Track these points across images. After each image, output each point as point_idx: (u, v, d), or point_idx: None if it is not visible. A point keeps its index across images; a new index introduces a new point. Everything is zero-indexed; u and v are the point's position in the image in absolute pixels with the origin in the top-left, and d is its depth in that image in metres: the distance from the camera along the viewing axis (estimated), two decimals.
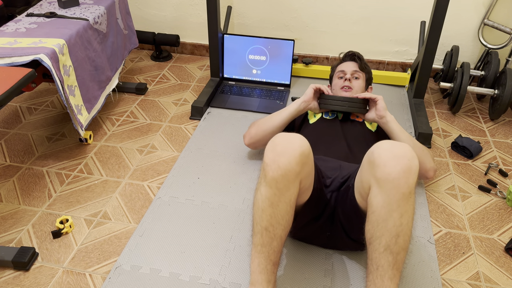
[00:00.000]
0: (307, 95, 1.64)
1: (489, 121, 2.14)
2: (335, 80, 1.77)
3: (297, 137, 1.11)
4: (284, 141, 1.10)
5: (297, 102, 1.65)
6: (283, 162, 1.07)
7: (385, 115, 1.56)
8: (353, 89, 1.69)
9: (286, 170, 1.07)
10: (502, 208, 1.63)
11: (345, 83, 1.70)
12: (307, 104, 1.64)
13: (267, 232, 1.11)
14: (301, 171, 1.10)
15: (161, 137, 1.98)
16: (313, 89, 1.63)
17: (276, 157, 1.08)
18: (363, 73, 1.75)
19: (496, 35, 2.31)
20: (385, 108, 1.57)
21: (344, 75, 1.73)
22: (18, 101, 2.23)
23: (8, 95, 1.33)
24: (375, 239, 1.06)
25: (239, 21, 2.56)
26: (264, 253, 1.12)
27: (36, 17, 1.84)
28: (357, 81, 1.72)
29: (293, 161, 1.07)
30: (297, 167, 1.08)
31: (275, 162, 1.08)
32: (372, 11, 2.37)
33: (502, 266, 1.40)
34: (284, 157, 1.07)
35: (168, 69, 2.57)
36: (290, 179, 1.08)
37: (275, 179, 1.08)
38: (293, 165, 1.07)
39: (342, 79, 1.73)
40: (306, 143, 1.11)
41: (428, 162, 1.54)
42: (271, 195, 1.09)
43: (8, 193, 1.67)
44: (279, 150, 1.08)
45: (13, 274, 1.35)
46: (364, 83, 1.74)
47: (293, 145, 1.09)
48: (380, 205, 1.04)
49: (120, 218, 1.55)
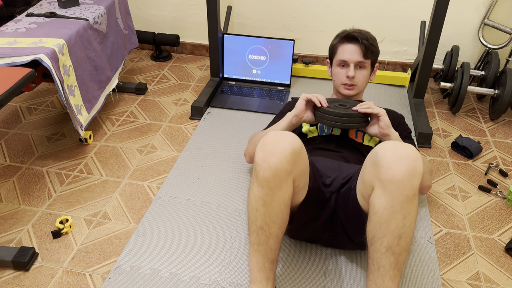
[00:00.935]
0: (298, 109, 1.44)
1: (489, 121, 2.14)
2: (336, 68, 1.56)
3: (288, 135, 1.10)
4: (274, 140, 1.09)
5: (288, 117, 1.47)
6: (273, 161, 1.06)
7: (389, 133, 1.38)
8: (357, 85, 1.53)
9: (277, 169, 1.06)
10: (502, 208, 1.63)
11: (347, 81, 1.53)
12: (299, 118, 1.45)
13: (262, 231, 1.11)
14: (293, 169, 1.09)
15: (161, 137, 1.98)
16: (304, 100, 1.43)
17: (266, 156, 1.07)
18: (369, 61, 1.52)
19: (496, 35, 2.31)
20: (389, 125, 1.38)
21: (346, 66, 1.53)
22: (18, 101, 2.23)
23: (8, 95, 1.33)
24: (377, 240, 1.06)
25: (239, 21, 2.56)
26: (261, 252, 1.12)
27: (36, 17, 1.84)
28: (361, 72, 1.52)
29: (283, 159, 1.06)
30: (288, 166, 1.07)
31: (265, 161, 1.07)
32: (372, 11, 2.37)
33: (502, 266, 1.40)
34: (274, 156, 1.06)
35: (168, 69, 2.57)
36: (281, 178, 1.08)
37: (266, 179, 1.07)
38: (284, 163, 1.06)
39: (343, 69, 1.54)
40: (297, 141, 1.10)
41: (426, 180, 1.47)
42: (263, 195, 1.09)
43: (8, 193, 1.66)
44: (269, 149, 1.07)
45: (13, 274, 1.35)
46: (369, 71, 1.55)
47: (283, 143, 1.08)
48: (383, 206, 1.04)
49: (120, 218, 1.55)
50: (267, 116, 2.12)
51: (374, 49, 1.53)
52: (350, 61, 1.51)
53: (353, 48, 1.50)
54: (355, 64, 1.51)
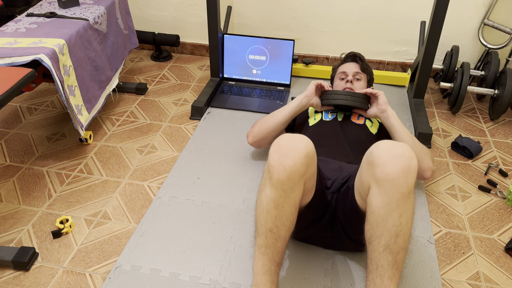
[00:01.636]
0: (309, 91, 1.64)
1: (489, 121, 2.14)
2: (337, 81, 1.77)
3: (302, 138, 1.11)
4: (289, 143, 1.10)
5: (299, 98, 1.66)
6: (288, 163, 1.07)
7: (386, 109, 1.57)
8: (355, 91, 1.69)
9: (291, 171, 1.07)
10: (502, 208, 1.63)
11: (346, 85, 1.70)
12: (309, 99, 1.65)
13: (271, 233, 1.10)
14: (306, 172, 1.10)
15: (161, 137, 1.98)
16: (314, 85, 1.64)
17: (282, 159, 1.08)
18: (364, 75, 1.75)
19: (496, 35, 2.31)
20: (386, 102, 1.59)
21: (345, 76, 1.73)
22: (18, 101, 2.23)
23: (8, 95, 1.33)
24: (375, 239, 1.06)
25: (239, 21, 2.56)
26: (268, 255, 1.11)
27: (36, 17, 1.84)
28: (359, 83, 1.72)
29: (298, 162, 1.07)
30: (303, 169, 1.08)
31: (280, 163, 1.08)
32: (372, 11, 2.37)
33: (502, 266, 1.40)
34: (290, 158, 1.07)
35: (168, 69, 2.57)
36: (295, 181, 1.08)
37: (281, 181, 1.08)
38: (299, 166, 1.07)
39: (343, 80, 1.73)
40: (310, 144, 1.12)
41: (426, 161, 1.53)
42: (276, 197, 1.09)
43: (8, 193, 1.67)
44: (285, 152, 1.08)
45: (13, 274, 1.35)
46: (365, 84, 1.75)
47: (298, 146, 1.09)
48: (380, 205, 1.05)
49: (120, 218, 1.55)
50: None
51: (369, 68, 1.79)
52: (349, 72, 1.73)
53: (352, 63, 1.77)
54: (353, 75, 1.73)
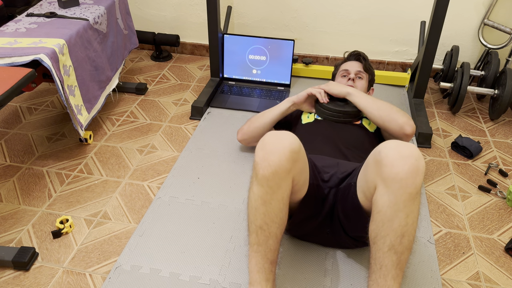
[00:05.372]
0: (299, 98, 1.66)
1: (489, 121, 2.14)
2: (338, 78, 1.77)
3: (287, 135, 1.12)
4: (274, 139, 1.11)
5: (288, 103, 1.67)
6: (273, 160, 1.08)
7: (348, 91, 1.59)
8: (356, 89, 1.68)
9: (276, 167, 1.08)
10: (502, 208, 1.63)
11: (348, 83, 1.70)
12: (296, 106, 1.68)
13: (262, 230, 1.11)
14: (292, 168, 1.11)
15: (161, 137, 1.98)
16: (307, 94, 1.65)
17: (266, 155, 1.09)
18: (366, 74, 1.75)
19: (496, 35, 2.31)
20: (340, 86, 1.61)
21: (347, 74, 1.74)
22: (18, 101, 2.23)
23: (8, 95, 1.33)
24: (380, 239, 1.06)
25: (239, 21, 2.56)
26: (260, 252, 1.12)
27: (36, 17, 1.84)
28: (360, 81, 1.72)
29: (283, 158, 1.08)
30: (288, 164, 1.09)
31: (265, 160, 1.09)
32: (372, 11, 2.37)
33: (502, 266, 1.40)
34: (274, 155, 1.08)
35: (168, 69, 2.57)
36: (281, 177, 1.09)
37: (266, 177, 1.08)
38: (284, 162, 1.08)
39: (345, 78, 1.74)
40: (296, 140, 1.12)
41: (399, 117, 1.49)
42: (263, 194, 1.10)
43: (8, 193, 1.67)
44: (269, 149, 1.09)
45: (13, 274, 1.35)
46: (366, 84, 1.75)
47: (282, 142, 1.10)
48: (386, 204, 1.04)
49: (120, 218, 1.55)
50: None
51: (371, 68, 1.79)
52: (351, 70, 1.74)
53: (355, 62, 1.77)
54: (356, 73, 1.73)
